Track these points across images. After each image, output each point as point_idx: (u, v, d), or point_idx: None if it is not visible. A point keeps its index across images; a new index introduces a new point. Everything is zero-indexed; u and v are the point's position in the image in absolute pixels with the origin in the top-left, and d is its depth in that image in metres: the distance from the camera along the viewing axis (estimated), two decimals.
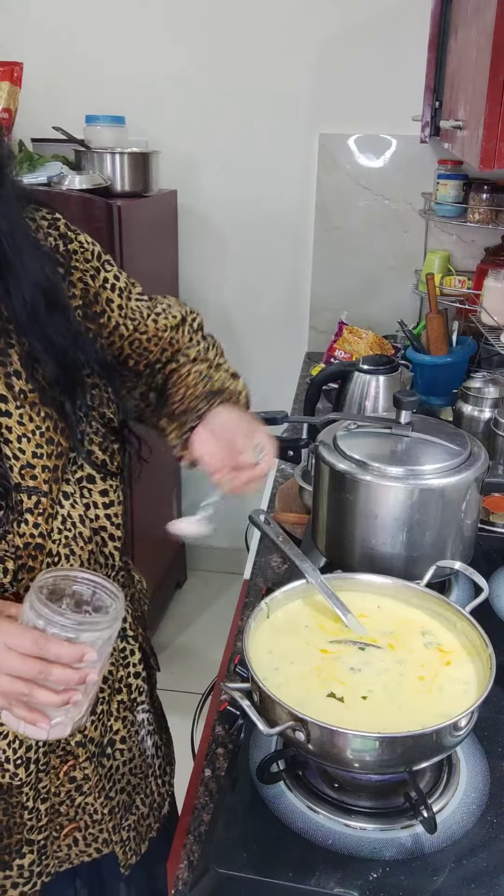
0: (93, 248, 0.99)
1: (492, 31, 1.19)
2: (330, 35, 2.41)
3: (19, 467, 0.85)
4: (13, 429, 0.85)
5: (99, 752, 0.99)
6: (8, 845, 0.94)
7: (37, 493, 0.86)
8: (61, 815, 0.98)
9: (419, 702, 0.82)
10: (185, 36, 2.47)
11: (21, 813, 0.93)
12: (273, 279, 2.71)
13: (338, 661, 0.87)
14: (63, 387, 0.89)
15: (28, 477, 0.86)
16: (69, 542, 0.91)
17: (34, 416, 0.86)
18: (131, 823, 1.06)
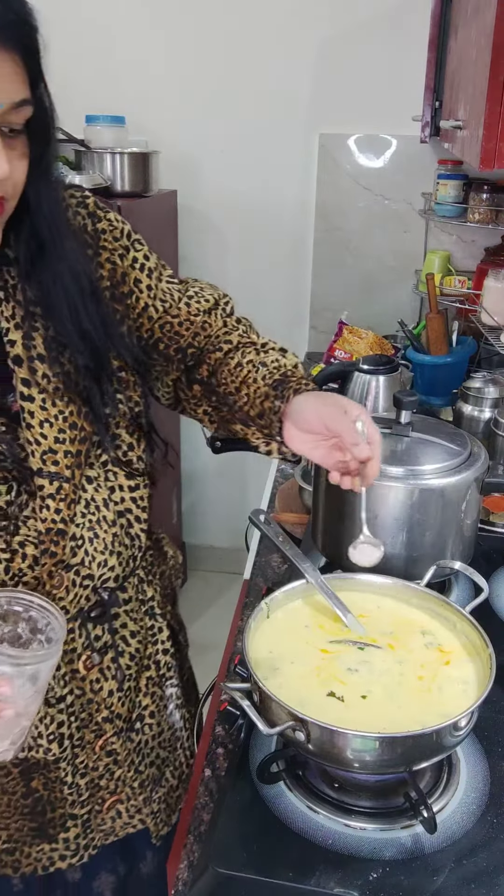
0: (122, 227, 0.98)
1: (492, 31, 1.19)
2: (330, 35, 2.41)
3: (41, 452, 0.85)
4: (35, 413, 0.85)
5: (127, 728, 1.01)
6: (52, 819, 0.96)
7: (58, 479, 0.86)
8: (102, 788, 1.00)
9: (419, 701, 0.82)
10: (186, 36, 2.47)
11: (61, 788, 0.95)
12: (273, 279, 2.71)
13: (338, 660, 0.87)
14: (90, 373, 0.88)
15: (50, 462, 0.85)
16: (93, 526, 0.91)
17: (57, 400, 0.86)
18: (161, 796, 1.07)
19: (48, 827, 0.96)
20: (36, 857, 0.98)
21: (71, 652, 0.93)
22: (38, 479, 0.85)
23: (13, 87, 0.73)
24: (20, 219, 0.82)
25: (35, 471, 0.85)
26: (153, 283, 1.01)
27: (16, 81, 0.73)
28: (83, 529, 0.90)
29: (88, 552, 0.91)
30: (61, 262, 0.85)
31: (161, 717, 1.06)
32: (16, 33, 0.71)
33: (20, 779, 0.93)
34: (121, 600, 0.97)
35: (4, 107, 0.72)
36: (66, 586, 0.89)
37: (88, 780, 0.98)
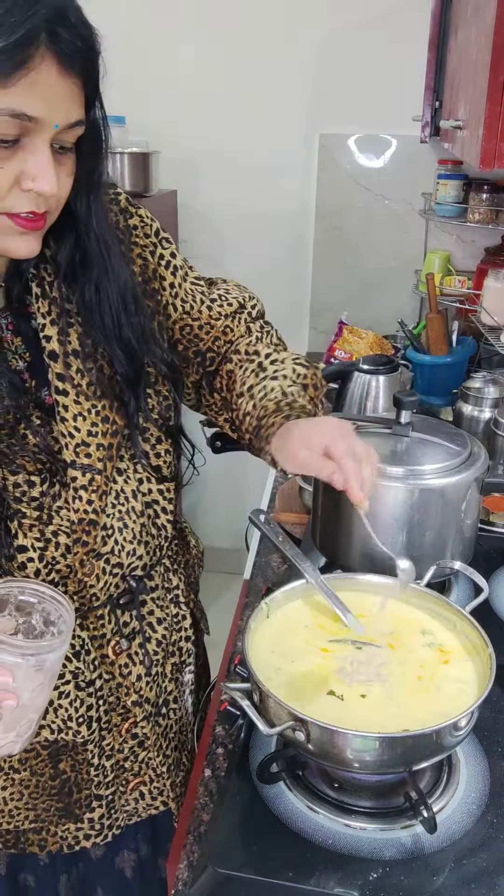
0: (152, 224, 1.00)
1: (492, 31, 1.19)
2: (330, 35, 2.41)
3: (74, 445, 0.87)
4: (69, 407, 0.87)
5: (155, 712, 1.04)
6: (78, 800, 0.99)
7: (91, 471, 0.88)
8: (126, 770, 1.03)
9: (418, 701, 0.82)
10: (186, 36, 2.47)
11: (88, 769, 0.98)
12: (273, 279, 2.70)
13: (337, 660, 0.87)
14: (126, 378, 0.91)
15: (83, 455, 0.88)
16: (122, 516, 0.94)
17: (90, 394, 0.88)
18: (181, 779, 1.10)
19: (74, 807, 0.99)
20: (62, 836, 1.01)
21: (100, 637, 0.96)
22: (72, 470, 0.87)
23: (71, 109, 0.76)
24: (63, 227, 0.85)
25: (68, 463, 0.87)
26: (177, 282, 1.03)
27: (73, 104, 0.76)
28: (113, 519, 0.92)
29: (118, 541, 0.93)
30: (107, 276, 0.88)
31: (181, 702, 1.10)
32: (81, 60, 0.76)
33: (49, 760, 0.96)
34: (148, 588, 1.00)
35: (60, 127, 0.75)
36: (96, 574, 0.92)
37: (114, 762, 1.01)
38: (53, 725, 0.95)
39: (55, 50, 0.71)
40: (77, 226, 0.86)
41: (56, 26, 0.71)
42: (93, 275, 0.87)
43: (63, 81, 0.73)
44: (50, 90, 0.72)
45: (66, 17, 0.73)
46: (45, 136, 0.74)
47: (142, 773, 1.05)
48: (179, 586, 1.08)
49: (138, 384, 0.92)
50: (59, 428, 0.87)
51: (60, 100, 0.74)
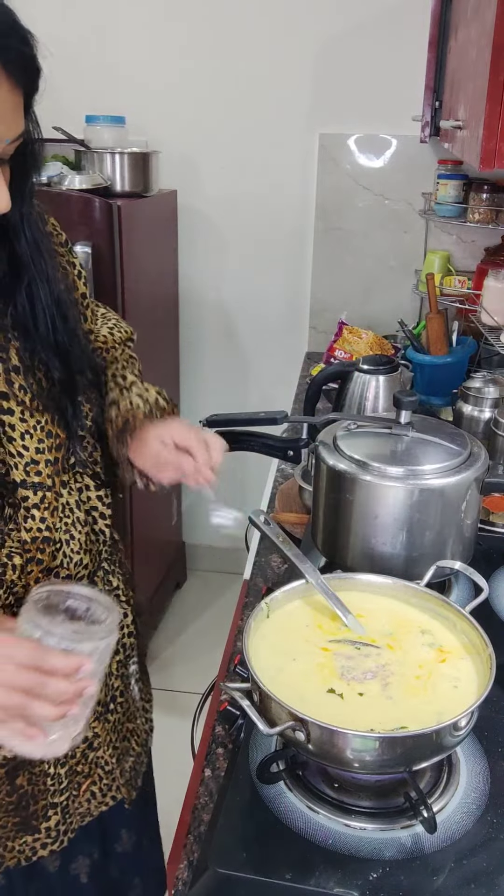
0: (61, 233, 1.00)
1: (492, 31, 1.19)
2: (330, 35, 2.41)
3: (24, 464, 0.86)
4: (16, 426, 0.86)
5: (103, 711, 1.05)
6: (35, 811, 0.99)
7: (42, 489, 0.88)
8: (79, 773, 1.03)
9: (417, 700, 0.82)
10: (186, 36, 2.47)
11: (44, 780, 0.98)
12: (273, 279, 2.71)
13: (337, 660, 0.87)
14: (63, 385, 0.90)
15: (33, 473, 0.87)
16: (69, 528, 0.94)
17: (34, 411, 0.88)
18: (131, 764, 1.12)
19: (31, 819, 0.99)
20: (19, 850, 1.00)
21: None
22: (22, 490, 0.86)
23: (17, 123, 0.76)
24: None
25: (18, 483, 0.86)
26: (86, 293, 1.03)
27: (19, 117, 0.76)
28: (61, 533, 0.92)
29: (66, 553, 0.93)
30: (39, 282, 0.87)
31: (127, 695, 1.11)
32: (27, 72, 0.75)
33: (6, 778, 0.95)
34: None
35: (10, 142, 0.75)
36: None
37: (67, 768, 1.01)
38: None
39: (4, 63, 0.71)
40: (8, 234, 0.85)
41: (6, 39, 0.72)
42: (25, 282, 0.86)
43: (12, 96, 0.74)
44: (2, 106, 0.73)
45: (15, 29, 0.73)
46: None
47: (92, 773, 1.05)
48: (119, 586, 1.08)
49: (75, 392, 0.92)
50: (7, 448, 0.85)
51: (10, 115, 0.74)
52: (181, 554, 3.07)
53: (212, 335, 2.81)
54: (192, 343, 2.80)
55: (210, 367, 2.85)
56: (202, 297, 2.75)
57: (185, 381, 2.83)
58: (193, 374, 2.83)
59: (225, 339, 2.82)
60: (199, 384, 2.85)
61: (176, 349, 2.77)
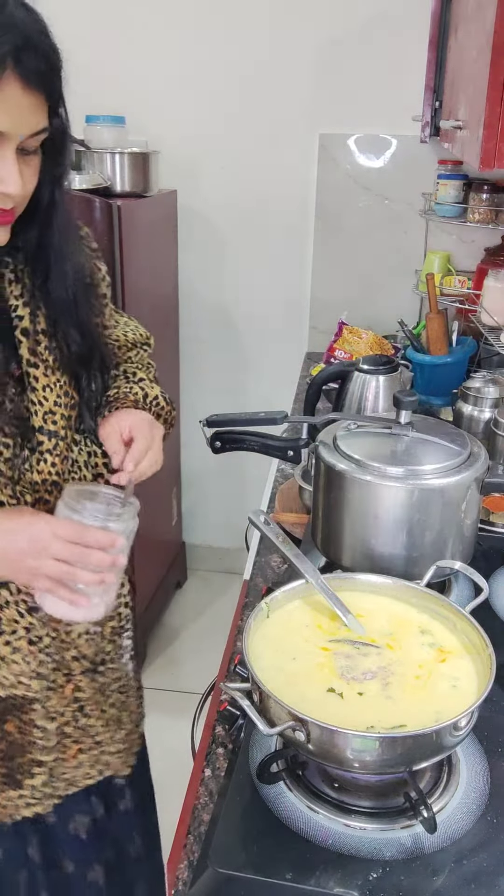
0: (93, 241, 1.10)
1: (492, 31, 1.19)
2: (330, 35, 2.41)
3: (43, 413, 0.96)
4: (39, 379, 0.96)
5: (92, 669, 1.08)
6: (21, 765, 1.02)
7: (56, 437, 0.97)
8: (67, 736, 1.06)
9: (416, 700, 0.82)
10: (186, 36, 2.47)
11: (32, 731, 1.02)
12: (273, 279, 2.71)
13: (337, 659, 0.87)
14: (79, 357, 1.00)
15: (49, 422, 0.97)
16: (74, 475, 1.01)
17: (56, 370, 0.98)
18: (122, 737, 1.15)
19: (16, 772, 1.02)
20: (2, 805, 1.03)
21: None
22: (39, 435, 0.96)
23: (35, 120, 0.83)
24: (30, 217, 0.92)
25: (37, 428, 0.96)
26: (107, 296, 1.12)
27: (37, 116, 0.83)
28: (68, 484, 0.98)
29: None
30: (66, 263, 0.97)
31: (120, 664, 1.13)
32: (44, 80, 0.82)
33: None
34: None
35: (24, 137, 0.82)
36: None
37: (56, 725, 1.04)
38: (6, 681, 0.99)
39: (20, 73, 0.79)
40: (40, 215, 0.93)
41: (22, 53, 0.78)
42: (54, 256, 0.96)
43: (27, 97, 0.80)
44: (15, 106, 0.80)
45: (33, 43, 0.81)
46: (11, 145, 0.82)
47: (81, 739, 1.08)
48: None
49: (89, 364, 1.02)
50: (30, 396, 0.96)
51: (25, 114, 0.81)
52: (181, 554, 3.07)
53: (212, 335, 2.81)
54: (192, 343, 2.80)
55: (210, 367, 2.85)
56: (202, 297, 2.75)
57: (185, 381, 2.83)
58: (193, 373, 2.83)
59: (225, 338, 2.82)
60: (199, 384, 2.85)
61: (176, 349, 2.77)
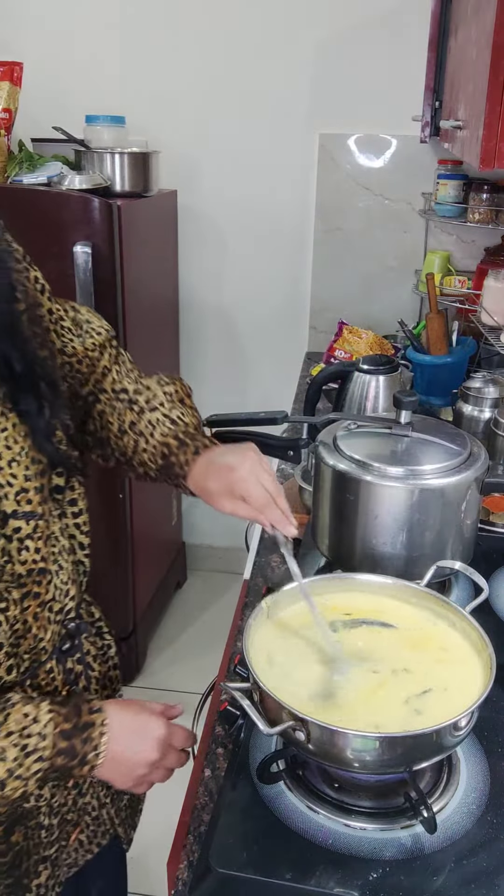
0: (18, 248, 0.92)
1: (492, 31, 1.18)
2: (330, 35, 2.41)
3: (14, 494, 0.81)
4: (2, 454, 0.81)
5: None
6: (27, 868, 0.93)
7: (34, 518, 0.83)
8: (68, 822, 0.98)
9: (416, 699, 0.82)
10: (186, 36, 2.47)
11: (39, 833, 0.93)
12: (273, 279, 2.71)
13: (336, 659, 0.87)
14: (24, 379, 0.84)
15: (24, 502, 0.82)
16: (56, 558, 0.88)
17: (18, 437, 0.83)
18: (126, 803, 1.08)
19: (23, 878, 0.93)
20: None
21: (53, 692, 0.91)
22: (13, 521, 0.81)
23: None
24: None
25: (9, 514, 0.81)
26: (54, 308, 0.97)
27: None
28: (49, 563, 0.86)
29: (57, 586, 0.88)
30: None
31: None
32: None
33: (2, 836, 0.90)
34: (85, 627, 0.96)
35: None
36: (43, 625, 0.86)
37: (59, 818, 0.96)
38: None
39: None
40: None
41: None
42: None
43: None
44: None
45: None
46: None
47: (80, 820, 1.00)
48: (101, 617, 1.05)
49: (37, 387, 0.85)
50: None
51: None
52: (181, 554, 3.07)
53: (212, 335, 2.81)
54: (192, 343, 2.80)
55: (210, 366, 2.85)
56: (202, 297, 2.75)
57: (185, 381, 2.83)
58: (193, 373, 2.83)
59: (225, 338, 2.82)
60: (199, 384, 2.85)
61: (176, 349, 2.77)
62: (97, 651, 1.02)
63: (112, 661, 1.06)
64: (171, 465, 0.98)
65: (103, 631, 1.05)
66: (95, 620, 1.04)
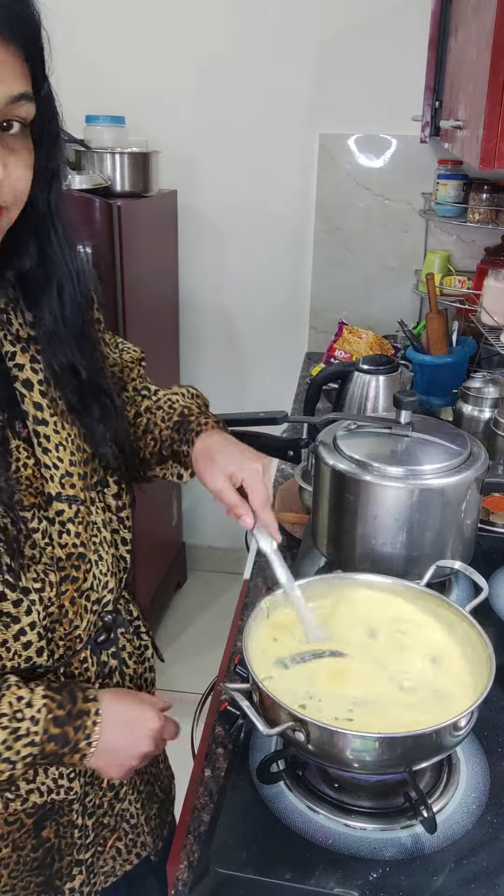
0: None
1: (492, 31, 1.19)
2: (330, 35, 2.41)
3: (59, 477, 0.83)
4: (51, 437, 0.83)
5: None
6: (59, 869, 0.92)
7: (76, 502, 0.84)
8: (105, 827, 0.97)
9: (418, 700, 0.82)
10: (186, 36, 2.47)
11: (72, 832, 0.92)
12: (273, 279, 2.71)
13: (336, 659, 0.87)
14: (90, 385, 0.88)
15: (68, 486, 0.84)
16: (97, 548, 0.90)
17: (65, 423, 0.85)
18: (155, 811, 1.06)
19: (55, 878, 0.92)
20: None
21: (87, 682, 0.90)
22: (57, 503, 0.83)
23: (12, 78, 0.68)
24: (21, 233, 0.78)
25: (53, 496, 0.83)
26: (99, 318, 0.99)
27: (15, 74, 0.69)
28: (91, 552, 0.88)
29: (96, 575, 0.89)
30: (71, 290, 0.84)
31: None
32: (18, 24, 0.68)
33: (32, 829, 0.89)
34: (121, 621, 0.97)
35: (7, 103, 0.68)
36: (80, 612, 0.87)
37: (94, 819, 0.95)
38: (43, 787, 0.88)
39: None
40: (37, 227, 0.80)
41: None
42: (55, 283, 0.83)
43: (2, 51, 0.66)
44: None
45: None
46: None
47: (117, 827, 0.99)
48: (139, 616, 1.05)
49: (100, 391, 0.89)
50: (42, 459, 0.82)
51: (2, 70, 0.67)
52: (181, 554, 3.07)
53: (212, 335, 2.81)
54: (193, 343, 2.80)
55: (210, 366, 2.85)
56: (202, 297, 2.75)
57: (185, 381, 2.82)
58: (193, 373, 2.83)
59: (225, 338, 2.82)
60: (200, 384, 2.83)
61: (176, 349, 2.77)
62: (133, 649, 1.01)
63: (148, 663, 1.05)
64: (188, 421, 0.98)
65: (141, 631, 1.04)
66: (134, 619, 1.04)
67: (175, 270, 2.66)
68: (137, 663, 1.01)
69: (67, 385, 0.86)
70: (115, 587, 0.94)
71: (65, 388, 0.85)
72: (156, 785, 1.08)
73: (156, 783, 1.08)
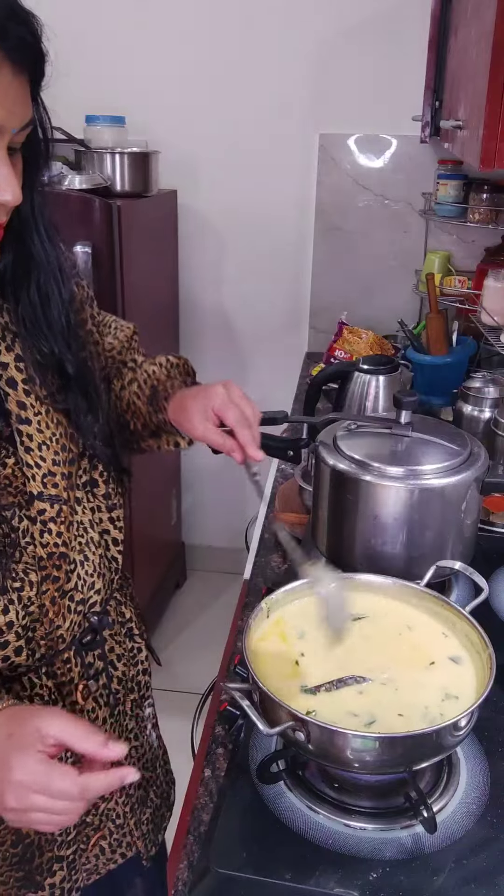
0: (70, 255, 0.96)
1: (492, 31, 1.19)
2: (330, 35, 2.40)
3: (41, 476, 0.84)
4: (34, 436, 0.84)
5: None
6: (39, 865, 0.92)
7: (58, 502, 0.85)
8: (87, 825, 0.97)
9: (418, 700, 0.82)
10: (186, 36, 2.47)
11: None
12: (273, 279, 2.71)
13: (336, 659, 0.87)
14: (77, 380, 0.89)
15: (50, 485, 0.84)
16: (83, 548, 0.90)
17: (49, 423, 0.86)
18: (148, 816, 1.06)
19: (35, 874, 0.92)
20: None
21: (69, 683, 0.91)
22: (38, 503, 0.84)
23: (24, 110, 0.72)
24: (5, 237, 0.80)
25: (35, 495, 0.83)
26: (94, 312, 1.03)
27: (26, 104, 0.73)
28: (75, 552, 0.88)
29: (80, 576, 0.89)
30: (52, 275, 0.85)
31: (143, 738, 1.05)
32: (31, 56, 0.72)
33: (11, 827, 0.87)
34: (108, 623, 0.96)
35: (17, 131, 0.72)
36: (62, 613, 0.87)
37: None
38: None
39: (6, 49, 0.67)
40: (22, 232, 0.82)
41: (5, 22, 0.67)
42: (43, 281, 0.84)
43: (17, 83, 0.70)
44: (5, 93, 0.69)
45: (15, 12, 0.68)
46: (3, 143, 0.71)
47: (102, 825, 0.98)
48: (132, 619, 1.05)
49: (87, 385, 0.90)
50: (25, 458, 0.83)
51: (17, 102, 0.71)
52: (181, 554, 3.07)
53: (212, 334, 2.81)
54: (192, 343, 2.80)
55: (210, 366, 2.85)
56: (202, 297, 2.75)
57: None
58: None
59: (225, 338, 2.82)
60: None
61: (176, 349, 2.77)
62: (124, 651, 1.00)
63: (142, 666, 1.05)
64: (156, 392, 1.01)
65: (134, 633, 1.04)
66: (126, 621, 1.03)
67: (175, 270, 2.66)
68: (128, 665, 1.01)
69: (53, 382, 0.86)
70: (104, 588, 0.94)
71: (50, 386, 0.86)
72: (150, 789, 1.07)
73: (150, 787, 1.07)
